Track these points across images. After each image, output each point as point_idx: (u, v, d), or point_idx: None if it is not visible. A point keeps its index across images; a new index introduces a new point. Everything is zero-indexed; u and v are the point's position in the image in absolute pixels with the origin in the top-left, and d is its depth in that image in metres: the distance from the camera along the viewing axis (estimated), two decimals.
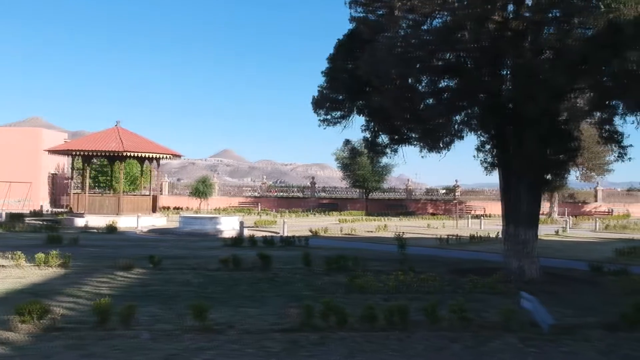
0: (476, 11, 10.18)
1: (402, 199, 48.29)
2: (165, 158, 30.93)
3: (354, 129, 45.82)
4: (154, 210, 30.03)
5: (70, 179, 40.54)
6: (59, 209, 37.54)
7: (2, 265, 11.94)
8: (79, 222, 26.36)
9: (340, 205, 46.61)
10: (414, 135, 13.04)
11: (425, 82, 12.12)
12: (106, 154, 29.63)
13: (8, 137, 43.02)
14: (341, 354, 6.19)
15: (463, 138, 12.54)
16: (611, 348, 6.70)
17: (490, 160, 12.71)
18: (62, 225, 26.15)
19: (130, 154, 28.24)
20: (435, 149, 12.63)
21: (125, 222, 26.08)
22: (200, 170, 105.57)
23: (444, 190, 50.39)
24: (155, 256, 12.69)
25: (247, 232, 21.98)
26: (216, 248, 16.98)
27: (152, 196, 30.92)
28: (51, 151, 32.01)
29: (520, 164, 11.69)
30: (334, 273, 11.89)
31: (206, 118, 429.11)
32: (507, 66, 11.73)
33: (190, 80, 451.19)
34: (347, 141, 16.95)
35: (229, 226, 23.86)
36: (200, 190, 39.71)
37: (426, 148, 12.76)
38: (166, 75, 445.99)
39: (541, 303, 7.62)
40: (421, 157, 12.93)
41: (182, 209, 42.09)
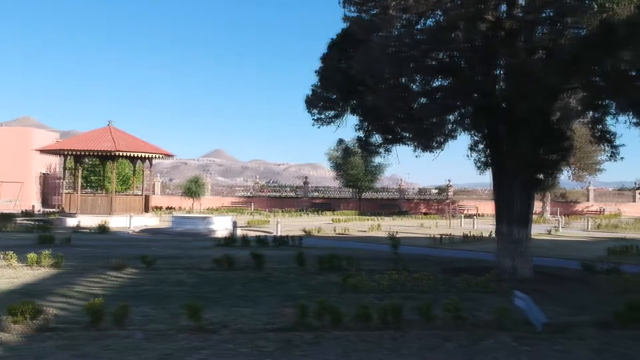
0: (469, 11, 10.21)
1: (395, 199, 48.31)
2: (157, 158, 30.83)
3: (348, 128, 45.93)
4: (146, 210, 29.89)
5: (62, 178, 40.24)
6: (51, 209, 37.27)
7: None
8: (71, 222, 26.19)
9: (333, 205, 46.55)
10: (407, 134, 13.06)
11: (418, 82, 12.15)
12: (98, 154, 29.43)
13: None
14: (335, 353, 6.18)
15: (456, 137, 12.63)
16: (605, 346, 6.73)
17: (483, 159, 12.76)
18: (54, 225, 25.99)
19: (122, 153, 28.10)
20: (429, 148, 12.69)
21: (118, 222, 25.94)
22: (192, 170, 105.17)
23: (437, 190, 50.44)
24: (147, 256, 12.62)
25: (240, 232, 21.89)
26: (209, 248, 16.92)
27: (144, 196, 30.75)
28: (43, 151, 31.79)
29: (514, 163, 11.73)
30: (327, 272, 11.87)
31: (201, 118, 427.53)
32: (501, 66, 11.77)
33: (187, 80, 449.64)
34: (341, 140, 17.05)
35: (221, 226, 23.77)
36: (192, 190, 39.59)
37: (419, 147, 12.81)
38: (165, 75, 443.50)
39: (534, 302, 7.65)
40: (415, 157, 12.98)
41: (175, 208, 41.89)
